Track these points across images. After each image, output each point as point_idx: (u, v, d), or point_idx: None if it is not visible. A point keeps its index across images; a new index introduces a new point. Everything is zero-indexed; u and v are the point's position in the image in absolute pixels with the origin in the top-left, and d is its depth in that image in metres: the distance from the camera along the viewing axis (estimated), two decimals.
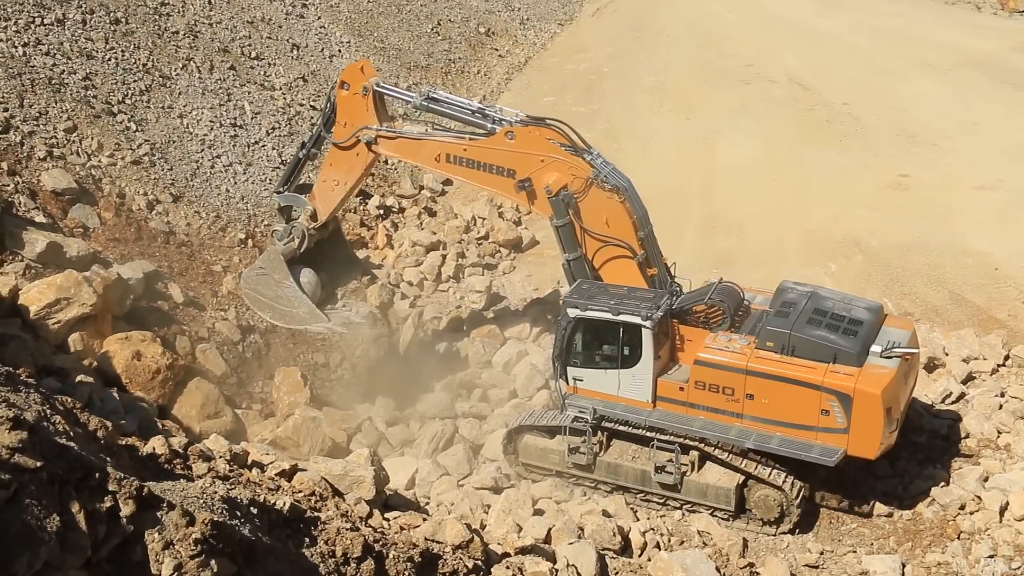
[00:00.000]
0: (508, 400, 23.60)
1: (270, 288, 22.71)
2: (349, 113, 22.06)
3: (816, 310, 18.87)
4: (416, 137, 21.70)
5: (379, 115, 21.97)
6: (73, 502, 8.12)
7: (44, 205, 22.52)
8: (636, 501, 20.08)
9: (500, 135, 20.64)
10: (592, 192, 20.07)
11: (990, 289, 26.26)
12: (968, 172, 33.35)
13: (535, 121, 20.89)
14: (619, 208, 20.05)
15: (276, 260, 22.68)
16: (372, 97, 21.84)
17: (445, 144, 21.39)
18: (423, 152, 21.74)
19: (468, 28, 50.39)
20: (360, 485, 15.19)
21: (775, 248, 29.07)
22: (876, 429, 17.75)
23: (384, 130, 21.80)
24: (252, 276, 23.08)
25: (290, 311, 22.71)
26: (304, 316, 22.77)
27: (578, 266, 20.55)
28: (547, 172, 20.33)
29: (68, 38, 27.52)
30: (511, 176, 20.67)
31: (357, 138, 21.93)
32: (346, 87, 21.98)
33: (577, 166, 20.21)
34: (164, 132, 27.75)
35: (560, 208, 20.19)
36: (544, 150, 20.40)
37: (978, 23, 54.31)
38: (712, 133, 38.58)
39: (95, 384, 17.68)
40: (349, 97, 21.97)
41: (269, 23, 36.79)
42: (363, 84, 21.78)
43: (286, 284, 22.51)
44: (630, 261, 20.28)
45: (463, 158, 21.14)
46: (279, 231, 23.19)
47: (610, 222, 20.19)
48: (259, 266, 23.04)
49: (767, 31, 53.35)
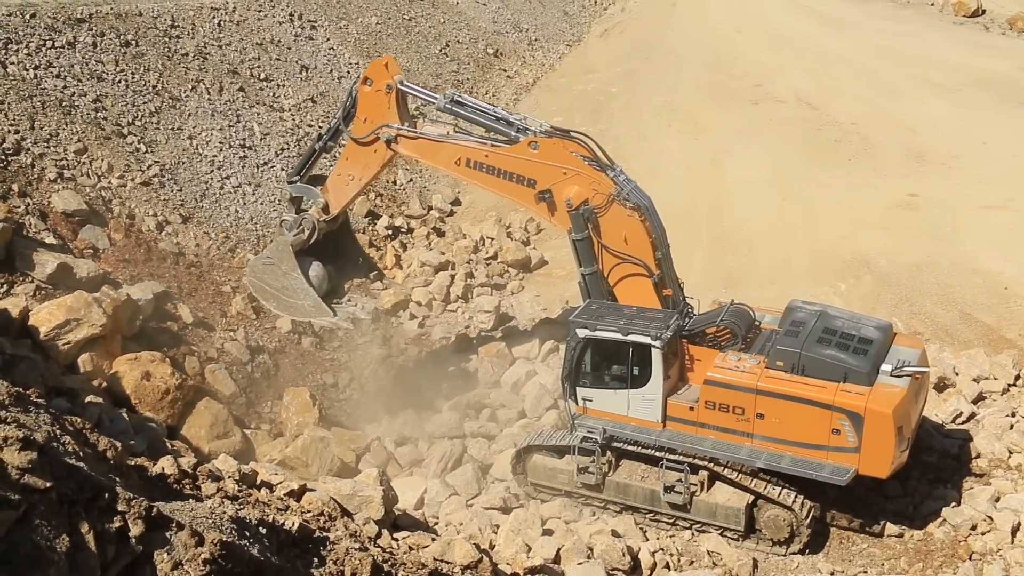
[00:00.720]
0: (517, 420, 23.58)
1: (276, 278, 22.28)
2: (370, 109, 21.69)
3: (826, 329, 18.83)
4: (437, 139, 21.40)
5: (400, 114, 21.62)
6: (83, 522, 8.11)
7: (54, 226, 22.61)
8: (645, 521, 20.04)
9: (523, 144, 20.37)
10: (613, 209, 19.93)
11: (1000, 309, 26.20)
12: (977, 191, 33.30)
13: (560, 133, 20.68)
14: (638, 226, 19.97)
15: (284, 251, 22.28)
16: (395, 95, 21.51)
17: (466, 148, 21.08)
18: (443, 155, 21.46)
19: (477, 49, 50.56)
20: (369, 505, 15.17)
21: (784, 267, 29.03)
22: (887, 448, 17.70)
23: (405, 130, 21.47)
24: (259, 265, 22.70)
25: (295, 303, 22.33)
26: (309, 309, 22.38)
27: (593, 281, 20.47)
28: (568, 185, 20.14)
29: (79, 60, 27.67)
30: (531, 186, 20.46)
31: (376, 135, 21.59)
32: (369, 83, 21.63)
33: (599, 181, 20.03)
34: (174, 153, 27.85)
35: (579, 222, 20.06)
36: (567, 163, 20.19)
37: (987, 43, 54.30)
38: (721, 153, 38.58)
39: (104, 404, 17.71)
40: (371, 93, 21.60)
41: (278, 45, 36.95)
42: (387, 82, 21.44)
43: (293, 276, 22.08)
44: (645, 279, 20.21)
45: (484, 164, 20.88)
46: (288, 221, 22.88)
47: (629, 240, 20.09)
48: (267, 255, 22.69)
49: (776, 51, 53.40)
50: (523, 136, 20.47)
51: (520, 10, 58.74)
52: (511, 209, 33.96)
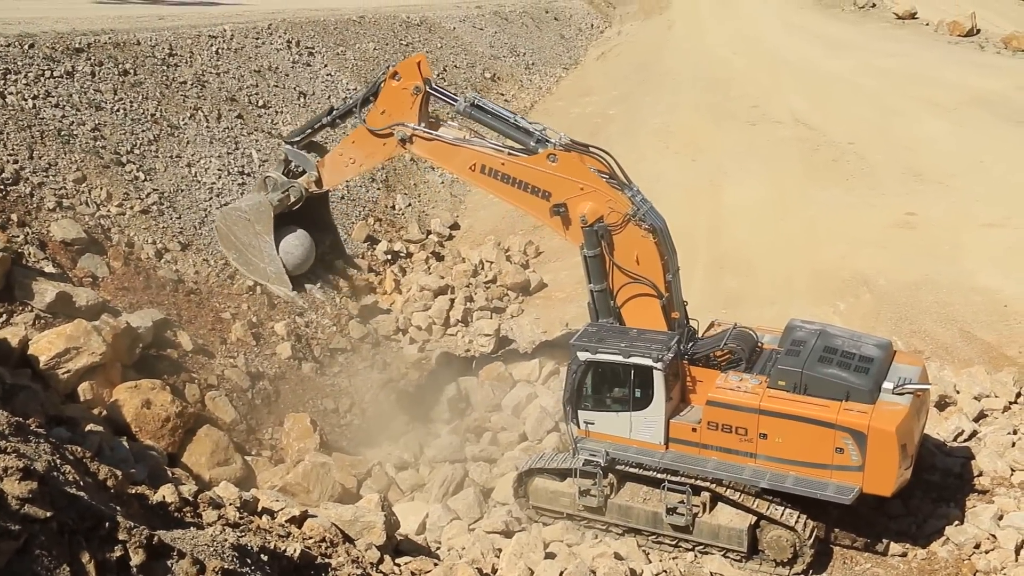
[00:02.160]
0: (518, 443, 23.55)
1: (246, 234, 21.97)
2: (391, 103, 21.35)
3: (827, 348, 18.84)
4: (453, 143, 21.15)
5: (420, 115, 21.32)
6: (83, 552, 8.10)
7: (53, 255, 22.62)
8: (648, 543, 19.96)
9: (542, 156, 20.12)
10: (628, 228, 19.78)
11: (1000, 326, 26.20)
12: (976, 210, 33.37)
13: (580, 147, 20.46)
14: (651, 247, 19.87)
15: (264, 211, 21.86)
16: (421, 98, 21.21)
17: (482, 155, 20.83)
18: (458, 159, 21.19)
19: (474, 73, 50.77)
20: (371, 531, 15.15)
21: (784, 287, 29.05)
22: (891, 466, 17.67)
23: (422, 130, 21.19)
24: (232, 215, 22.25)
25: (257, 264, 22.11)
26: (270, 274, 22.14)
27: (602, 298, 20.38)
28: (584, 200, 19.93)
29: (77, 90, 27.75)
30: (546, 198, 20.22)
31: (392, 131, 21.30)
32: (397, 78, 21.27)
33: (616, 200, 19.88)
34: (172, 181, 27.90)
35: (593, 239, 19.87)
36: (585, 178, 20.01)
37: (982, 62, 54.54)
38: (719, 174, 38.68)
39: (105, 433, 17.67)
40: (397, 89, 21.25)
41: (276, 72, 37.08)
42: (416, 84, 21.08)
43: (265, 238, 21.75)
44: (654, 300, 20.07)
45: (499, 172, 20.61)
46: (273, 179, 22.42)
47: (641, 260, 19.95)
48: (244, 210, 22.08)
49: (773, 73, 53.64)
50: (542, 148, 20.23)
51: (517, 34, 59.07)
52: (510, 232, 34.06)
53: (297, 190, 22.24)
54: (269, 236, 21.77)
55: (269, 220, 21.81)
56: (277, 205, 21.99)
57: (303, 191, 22.34)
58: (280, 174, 22.49)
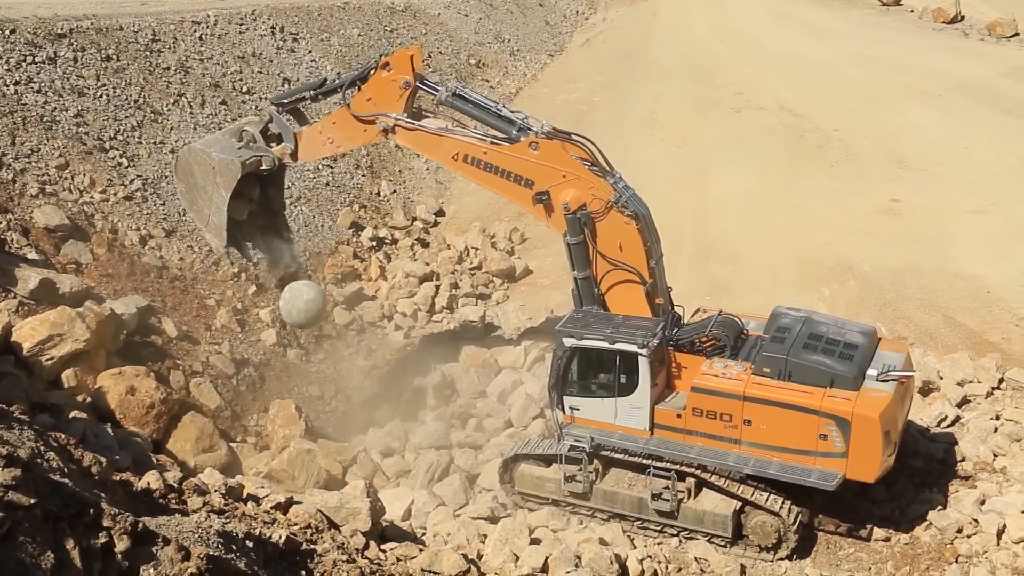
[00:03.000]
0: (503, 429, 23.56)
1: (205, 179, 21.52)
2: (378, 92, 21.24)
3: (811, 335, 18.89)
4: (436, 133, 21.08)
5: (406, 106, 21.24)
6: (68, 539, 8.08)
7: (36, 242, 22.52)
8: (633, 529, 20.03)
9: (524, 144, 20.11)
10: (611, 216, 19.80)
11: (983, 312, 26.31)
12: (960, 197, 33.46)
13: (562, 135, 20.46)
14: (634, 234, 19.89)
15: (232, 169, 21.31)
16: (410, 91, 21.14)
17: (465, 144, 20.78)
18: (441, 149, 21.13)
19: (459, 60, 50.65)
20: (356, 517, 15.16)
21: (769, 275, 29.11)
22: (875, 452, 17.75)
23: (404, 120, 21.11)
24: (200, 156, 21.63)
25: (202, 208, 21.76)
26: (211, 223, 21.78)
27: (586, 286, 20.41)
28: (567, 188, 19.94)
29: (59, 75, 27.60)
30: (529, 186, 20.22)
31: (375, 119, 21.21)
32: (388, 69, 21.16)
33: (599, 187, 19.91)
34: (156, 167, 27.78)
35: (576, 226, 19.91)
36: (567, 166, 20.03)
37: (967, 49, 54.62)
38: (704, 162, 38.69)
39: (89, 420, 17.61)
40: (387, 80, 21.13)
41: (260, 57, 36.93)
42: (406, 78, 20.98)
43: (222, 192, 21.30)
44: (638, 287, 20.13)
45: (482, 161, 20.58)
46: (250, 133, 21.94)
47: (624, 247, 19.98)
48: (214, 159, 21.37)
49: (759, 61, 53.60)
50: (524, 136, 20.22)
51: (502, 21, 58.92)
52: (495, 219, 34.03)
53: (271, 159, 21.87)
54: (227, 192, 21.31)
55: (233, 180, 21.31)
56: (246, 166, 21.50)
57: (275, 161, 22.03)
58: (258, 132, 22.03)
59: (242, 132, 22.02)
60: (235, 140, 21.89)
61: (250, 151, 21.62)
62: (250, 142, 21.82)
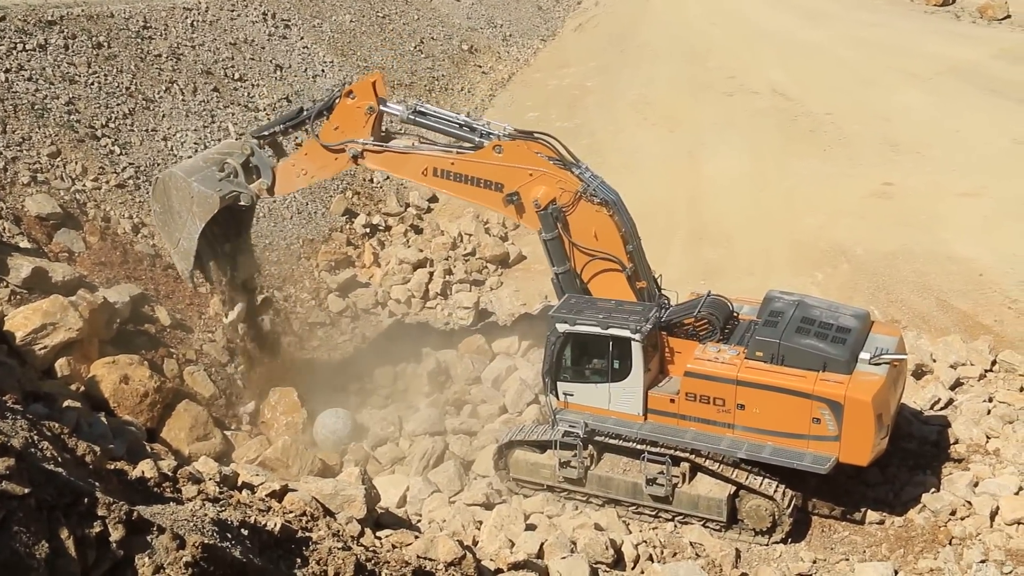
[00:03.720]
0: (498, 416, 23.59)
1: (181, 205, 21.47)
2: (344, 120, 21.58)
3: (804, 319, 18.89)
4: (403, 151, 21.39)
5: (373, 131, 21.59)
6: (62, 528, 8.07)
7: (29, 230, 22.46)
8: (628, 514, 20.05)
9: (488, 149, 20.44)
10: (581, 206, 20.02)
11: (976, 295, 26.37)
12: (952, 179, 33.51)
13: (523, 135, 20.73)
14: (607, 221, 20.03)
15: (210, 203, 21.30)
16: (375, 116, 21.49)
17: (432, 158, 21.10)
18: (410, 166, 21.44)
19: (451, 45, 50.54)
20: (351, 504, 15.14)
21: (762, 258, 29.15)
22: (868, 436, 17.78)
23: (371, 144, 21.46)
24: (179, 182, 21.53)
25: (172, 232, 21.78)
26: (180, 246, 21.76)
27: (567, 279, 20.56)
28: (535, 186, 20.22)
29: (50, 63, 27.51)
30: (499, 190, 20.52)
31: (344, 147, 21.56)
32: (352, 96, 21.51)
33: (565, 180, 20.12)
34: (148, 155, 27.72)
35: (549, 222, 20.17)
36: (532, 164, 20.27)
37: (958, 32, 54.65)
38: (697, 145, 38.70)
39: (83, 409, 17.58)
40: (351, 107, 21.50)
41: (252, 44, 36.83)
42: (370, 104, 21.36)
43: (196, 222, 21.36)
44: (619, 274, 20.30)
45: (451, 172, 20.91)
46: (232, 167, 21.93)
47: (599, 235, 20.16)
48: (194, 191, 21.31)
49: (751, 44, 53.59)
50: (487, 141, 20.54)
51: (494, 6, 58.79)
52: None
53: (248, 196, 21.96)
54: (201, 223, 21.38)
55: (209, 213, 21.36)
56: (224, 200, 21.51)
57: (254, 198, 22.18)
58: (240, 165, 22.06)
59: (224, 164, 22.02)
60: (217, 170, 21.87)
61: (230, 185, 21.66)
62: (232, 175, 21.89)
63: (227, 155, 22.23)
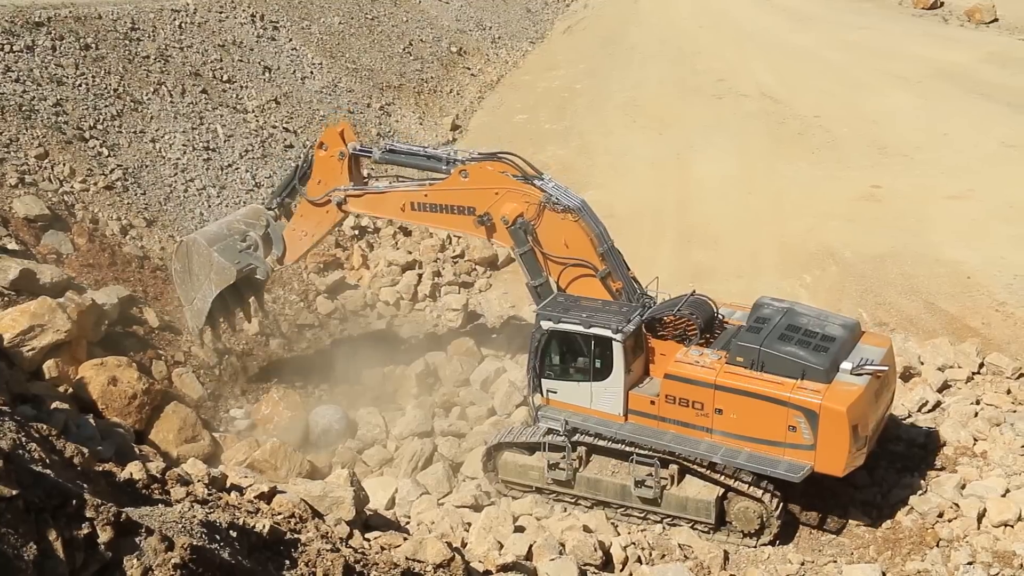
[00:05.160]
0: (487, 418, 23.60)
1: (201, 270, 22.39)
2: (324, 172, 22.46)
3: (789, 326, 18.92)
4: (381, 191, 22.20)
5: (352, 177, 22.36)
6: (50, 530, 8.05)
7: (16, 232, 22.41)
8: (617, 516, 20.08)
9: (455, 175, 21.05)
10: (546, 216, 20.40)
11: (963, 298, 26.45)
12: (940, 182, 33.63)
13: (486, 156, 21.30)
14: (575, 228, 20.34)
15: (227, 274, 22.31)
16: (348, 161, 22.19)
17: (408, 193, 21.82)
18: (389, 204, 22.23)
19: (440, 48, 50.54)
20: (340, 506, 15.14)
21: (751, 261, 29.20)
22: (843, 446, 17.73)
23: (352, 189, 22.22)
24: (201, 250, 22.39)
25: (189, 292, 22.69)
26: (194, 305, 22.72)
27: (545, 290, 20.81)
28: (503, 203, 20.68)
29: (38, 64, 27.44)
30: (471, 213, 21.07)
31: (329, 198, 22.34)
32: (324, 147, 22.36)
33: (529, 193, 20.55)
34: (136, 157, 27.67)
35: (520, 236, 20.60)
36: (496, 183, 20.81)
37: (946, 35, 54.87)
38: (686, 148, 38.78)
39: (71, 410, 17.55)
40: (326, 158, 22.35)
41: (240, 46, 36.78)
42: (340, 149, 22.15)
43: (212, 288, 22.32)
44: (594, 278, 20.53)
45: (425, 204, 21.59)
46: (253, 239, 22.79)
47: (568, 243, 20.52)
48: (214, 261, 22.27)
49: (739, 47, 53.73)
50: (453, 168, 21.16)
51: (483, 8, 58.83)
52: None
53: (264, 270, 23.01)
54: (216, 289, 22.38)
55: (225, 283, 22.40)
56: (240, 273, 22.51)
57: (268, 272, 23.30)
58: (260, 237, 22.99)
59: (247, 236, 22.84)
60: (239, 240, 22.75)
61: (248, 259, 22.66)
62: (252, 247, 22.75)
63: (250, 226, 23.14)
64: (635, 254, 20.93)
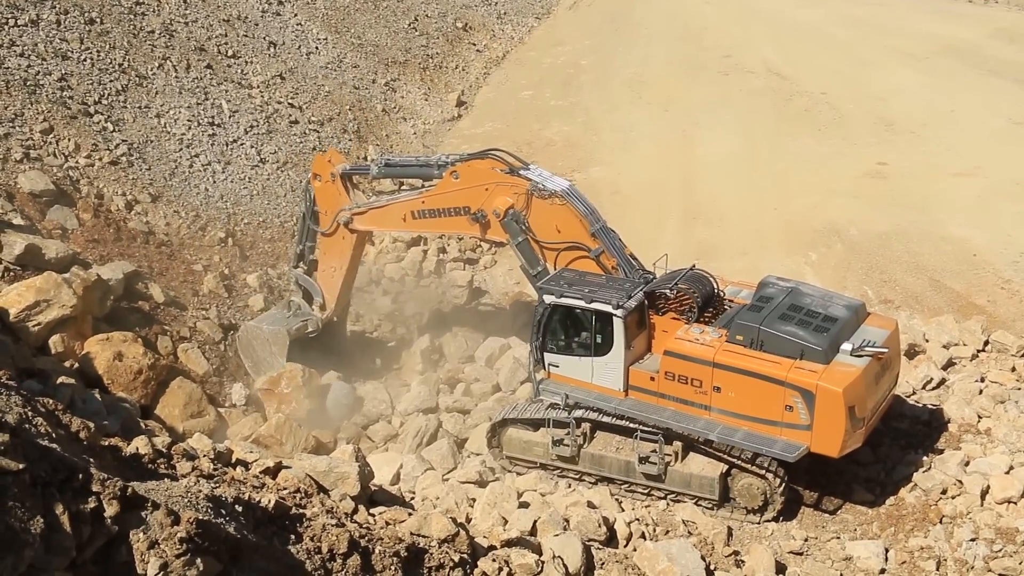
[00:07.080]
0: (491, 394, 23.64)
1: (264, 350, 23.24)
2: (326, 201, 22.92)
3: (792, 306, 18.89)
4: (383, 204, 22.65)
5: (352, 196, 22.84)
6: (57, 504, 8.09)
7: (22, 207, 22.41)
8: (621, 492, 20.11)
9: (447, 178, 21.45)
10: (534, 203, 20.76)
11: (969, 275, 26.40)
12: (946, 159, 33.51)
13: (475, 155, 21.78)
14: (564, 211, 20.63)
15: (282, 339, 23.12)
16: (340, 181, 22.63)
17: (407, 202, 22.24)
18: (391, 216, 22.55)
19: (445, 23, 50.32)
20: (345, 481, 15.18)
21: (756, 238, 29.13)
22: (839, 427, 17.71)
23: (354, 206, 22.61)
24: (255, 332, 23.46)
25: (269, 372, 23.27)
26: None
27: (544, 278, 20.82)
28: (494, 198, 21.08)
29: (43, 39, 27.37)
30: (467, 213, 21.42)
31: (336, 223, 22.72)
32: (319, 178, 22.86)
33: (516, 183, 20.92)
34: (141, 132, 27.63)
35: (513, 228, 20.97)
36: (485, 178, 21.20)
37: (954, 11, 54.55)
38: (691, 124, 38.64)
39: (77, 385, 17.62)
40: (322, 187, 22.85)
41: (245, 21, 36.66)
42: (330, 171, 22.65)
43: (279, 359, 23.13)
44: (589, 259, 20.76)
45: (424, 210, 21.96)
46: (296, 303, 23.83)
47: (560, 228, 20.82)
48: (266, 332, 23.32)
49: (745, 23, 53.45)
50: (444, 171, 21.51)
51: None
52: None
53: (314, 321, 23.73)
54: (283, 357, 23.18)
55: (285, 346, 23.16)
56: (292, 333, 23.26)
57: (319, 323, 23.80)
58: (302, 299, 23.88)
59: (290, 303, 24.21)
60: (284, 309, 24.21)
61: (295, 320, 23.63)
62: (297, 310, 23.88)
63: (291, 294, 24.39)
64: (640, 231, 20.96)
